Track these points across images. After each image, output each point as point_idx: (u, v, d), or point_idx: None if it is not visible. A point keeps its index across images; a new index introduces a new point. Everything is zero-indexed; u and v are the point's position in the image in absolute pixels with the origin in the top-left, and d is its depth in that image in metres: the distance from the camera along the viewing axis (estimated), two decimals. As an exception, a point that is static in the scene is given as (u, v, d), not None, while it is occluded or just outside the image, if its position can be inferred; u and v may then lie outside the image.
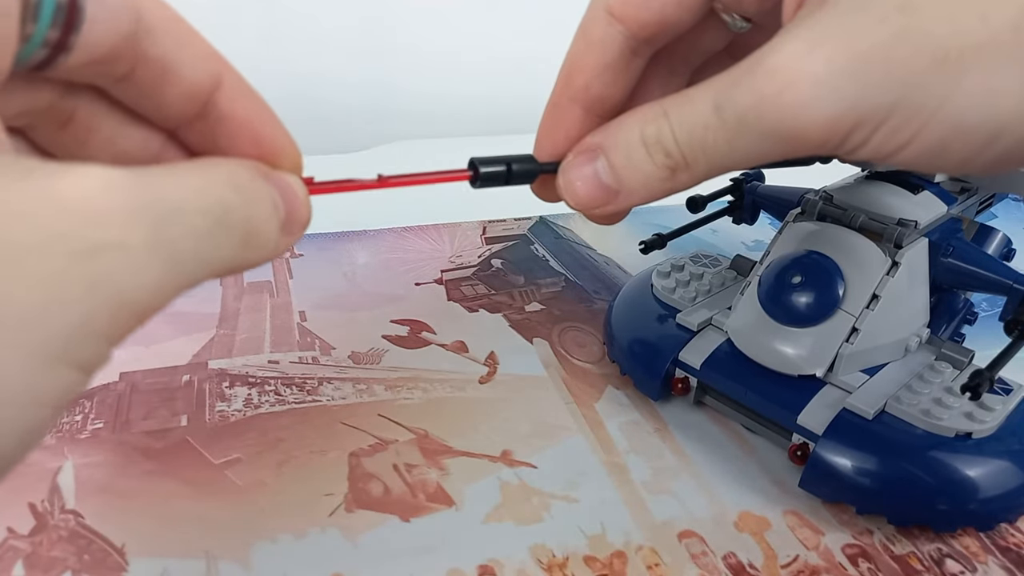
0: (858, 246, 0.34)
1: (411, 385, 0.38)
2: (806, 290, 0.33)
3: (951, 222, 0.36)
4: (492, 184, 0.24)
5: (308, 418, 0.36)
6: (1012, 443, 0.31)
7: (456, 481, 0.33)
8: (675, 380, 0.37)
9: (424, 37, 0.70)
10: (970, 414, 0.31)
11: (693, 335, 0.37)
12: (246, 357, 0.40)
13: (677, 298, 0.39)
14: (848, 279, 0.33)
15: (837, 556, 0.31)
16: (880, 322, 0.33)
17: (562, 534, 0.31)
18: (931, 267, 0.35)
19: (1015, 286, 0.33)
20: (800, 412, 0.33)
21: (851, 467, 0.31)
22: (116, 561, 0.29)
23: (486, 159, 0.24)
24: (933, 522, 0.31)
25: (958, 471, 0.30)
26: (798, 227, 0.36)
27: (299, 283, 0.46)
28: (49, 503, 0.31)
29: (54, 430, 0.34)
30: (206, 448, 0.34)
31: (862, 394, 0.33)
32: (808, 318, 0.33)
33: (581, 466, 0.34)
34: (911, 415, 0.32)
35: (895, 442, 0.31)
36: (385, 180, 0.22)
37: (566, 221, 0.54)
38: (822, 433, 0.32)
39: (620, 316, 0.40)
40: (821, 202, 0.35)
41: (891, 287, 0.33)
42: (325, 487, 0.32)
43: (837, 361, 0.33)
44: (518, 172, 0.25)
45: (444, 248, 0.51)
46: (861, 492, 0.31)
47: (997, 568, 0.30)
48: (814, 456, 0.32)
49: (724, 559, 0.30)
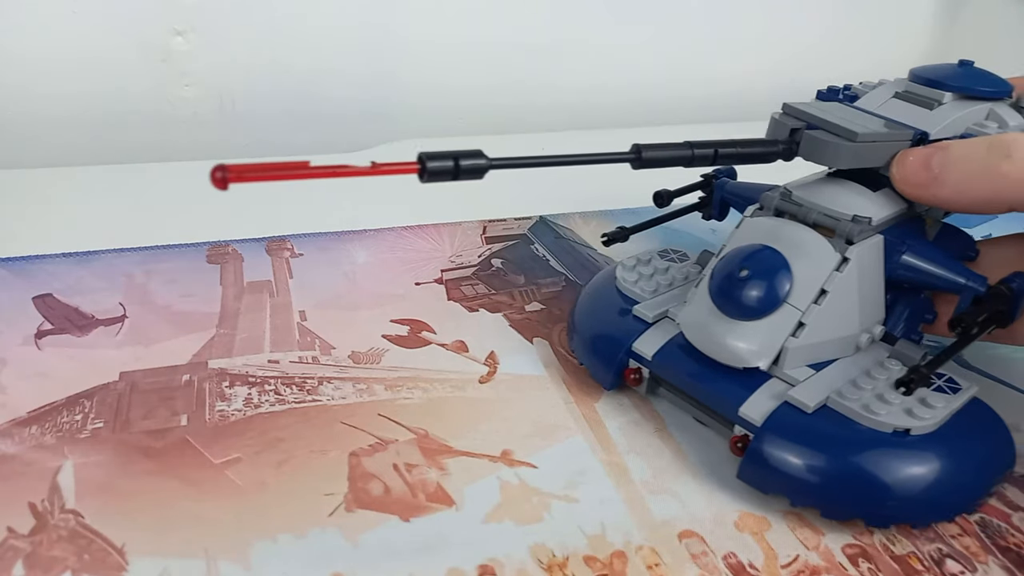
0: (809, 241, 0.34)
1: (411, 385, 0.38)
2: (752, 284, 0.33)
3: (912, 220, 0.36)
4: (440, 179, 0.25)
5: (308, 418, 0.36)
6: (952, 442, 0.31)
7: (456, 481, 0.33)
8: (628, 371, 0.37)
9: (426, 36, 0.70)
10: (910, 411, 0.31)
11: (648, 326, 0.37)
12: (246, 357, 0.40)
13: (638, 291, 0.39)
14: (796, 274, 0.33)
15: (837, 556, 0.31)
16: (828, 317, 0.33)
17: (562, 534, 0.31)
18: (886, 264, 0.34)
19: (967, 284, 0.33)
20: (742, 404, 0.33)
21: (787, 459, 0.31)
22: (116, 561, 0.29)
23: (434, 154, 0.25)
24: (866, 517, 0.31)
25: (892, 467, 0.30)
26: (754, 222, 0.36)
27: (299, 283, 0.46)
28: (49, 503, 0.31)
29: (54, 429, 0.34)
30: (206, 448, 0.34)
31: (805, 388, 0.33)
32: (754, 311, 0.33)
33: (581, 466, 0.34)
34: (850, 410, 0.31)
35: (831, 436, 0.31)
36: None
37: (566, 221, 0.54)
38: (761, 425, 0.32)
39: (583, 307, 0.40)
40: (778, 198, 0.35)
41: (840, 282, 0.33)
42: (325, 487, 0.32)
43: (782, 355, 0.33)
44: (466, 168, 0.25)
45: (444, 248, 0.51)
46: (796, 485, 0.31)
47: (997, 568, 0.30)
48: (751, 447, 0.32)
49: (724, 559, 0.30)
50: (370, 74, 0.70)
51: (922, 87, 0.36)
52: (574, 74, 0.75)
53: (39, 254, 0.46)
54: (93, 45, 0.62)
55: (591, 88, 0.76)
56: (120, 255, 0.47)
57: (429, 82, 0.72)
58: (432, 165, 0.25)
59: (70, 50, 0.61)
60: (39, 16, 0.60)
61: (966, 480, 0.32)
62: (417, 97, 0.72)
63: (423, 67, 0.71)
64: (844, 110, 0.35)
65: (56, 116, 0.63)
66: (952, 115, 0.35)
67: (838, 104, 0.36)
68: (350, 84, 0.69)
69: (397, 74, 0.71)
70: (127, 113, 0.64)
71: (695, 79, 0.79)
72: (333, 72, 0.69)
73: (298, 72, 0.68)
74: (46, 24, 0.60)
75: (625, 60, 0.77)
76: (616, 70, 0.77)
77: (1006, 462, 0.34)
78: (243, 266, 0.47)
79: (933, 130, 0.34)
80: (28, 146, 0.62)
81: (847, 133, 0.32)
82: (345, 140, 0.69)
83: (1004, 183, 0.30)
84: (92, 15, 0.61)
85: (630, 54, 0.77)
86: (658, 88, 0.78)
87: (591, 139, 0.72)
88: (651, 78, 0.78)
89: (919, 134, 0.34)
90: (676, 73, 0.78)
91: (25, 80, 0.61)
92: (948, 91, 0.35)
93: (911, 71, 0.37)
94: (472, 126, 0.74)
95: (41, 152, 0.62)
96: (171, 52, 0.64)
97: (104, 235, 0.49)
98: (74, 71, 0.62)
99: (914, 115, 0.35)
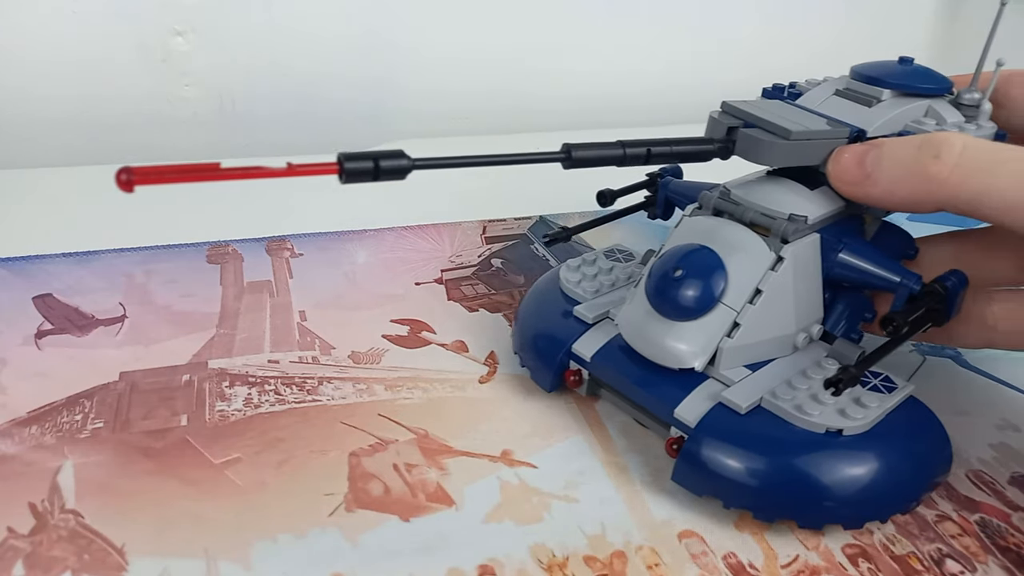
0: (745, 241, 0.33)
1: (411, 385, 0.38)
2: (687, 283, 0.32)
3: (850, 219, 0.35)
4: (360, 179, 0.25)
5: (308, 418, 0.36)
6: (885, 442, 0.31)
7: (456, 481, 0.33)
8: (568, 372, 0.36)
9: (424, 36, 0.70)
10: (843, 411, 0.31)
11: (588, 327, 0.37)
12: (246, 357, 0.40)
13: (581, 291, 0.38)
14: (731, 273, 0.33)
15: (837, 556, 0.31)
16: (764, 317, 0.33)
17: (562, 534, 0.31)
18: (823, 263, 0.34)
19: (901, 283, 0.33)
20: (678, 405, 0.32)
21: (719, 461, 0.31)
22: (116, 561, 0.29)
23: (353, 154, 0.24)
24: (798, 519, 0.31)
25: (823, 468, 0.30)
26: (692, 221, 0.35)
27: (299, 283, 0.46)
28: (49, 503, 0.31)
29: (54, 429, 0.34)
30: (206, 448, 0.34)
31: (739, 389, 0.32)
32: (688, 311, 0.33)
33: (581, 466, 0.34)
34: (783, 410, 0.31)
35: (763, 437, 0.31)
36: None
37: (566, 221, 0.54)
38: (694, 427, 0.32)
39: (526, 308, 0.40)
40: (717, 197, 0.35)
41: (775, 282, 0.33)
42: (325, 487, 0.32)
43: (718, 355, 0.33)
44: (386, 168, 0.25)
45: (444, 248, 0.51)
46: (728, 486, 0.31)
47: (997, 568, 0.30)
48: (684, 449, 0.32)
49: (724, 559, 0.30)
50: (369, 75, 0.70)
51: (862, 84, 0.36)
52: (573, 74, 0.75)
53: (39, 254, 0.46)
54: (93, 45, 0.62)
55: (591, 88, 0.76)
56: (120, 255, 0.47)
57: (428, 83, 0.72)
58: (350, 166, 0.24)
59: (70, 50, 0.61)
60: (39, 16, 0.60)
61: (900, 480, 0.31)
62: (416, 98, 0.72)
63: (422, 68, 0.71)
64: (783, 108, 0.35)
65: (56, 116, 0.63)
66: (890, 112, 0.34)
67: (779, 102, 0.36)
68: (349, 85, 0.69)
69: (396, 75, 0.71)
70: (127, 113, 0.64)
71: (695, 80, 0.79)
72: (332, 73, 0.69)
73: (298, 73, 0.68)
74: (46, 24, 0.60)
75: (625, 60, 0.77)
76: (617, 70, 0.77)
77: (942, 462, 0.33)
78: (243, 266, 0.47)
79: (871, 127, 0.34)
80: (28, 146, 0.63)
81: (781, 131, 0.32)
82: (344, 141, 0.69)
83: (932, 184, 0.30)
84: (92, 15, 0.61)
85: (630, 54, 0.77)
86: (659, 88, 0.78)
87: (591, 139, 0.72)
88: (652, 78, 0.78)
89: (856, 132, 0.33)
90: (676, 74, 0.78)
91: (25, 80, 0.61)
92: (887, 88, 0.35)
93: (852, 68, 0.37)
94: (472, 126, 0.74)
95: (41, 152, 0.62)
96: (171, 52, 0.64)
97: (104, 235, 0.49)
98: (74, 71, 0.62)
99: (854, 113, 0.35)
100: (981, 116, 0.35)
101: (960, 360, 0.42)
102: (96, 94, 0.63)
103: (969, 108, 0.35)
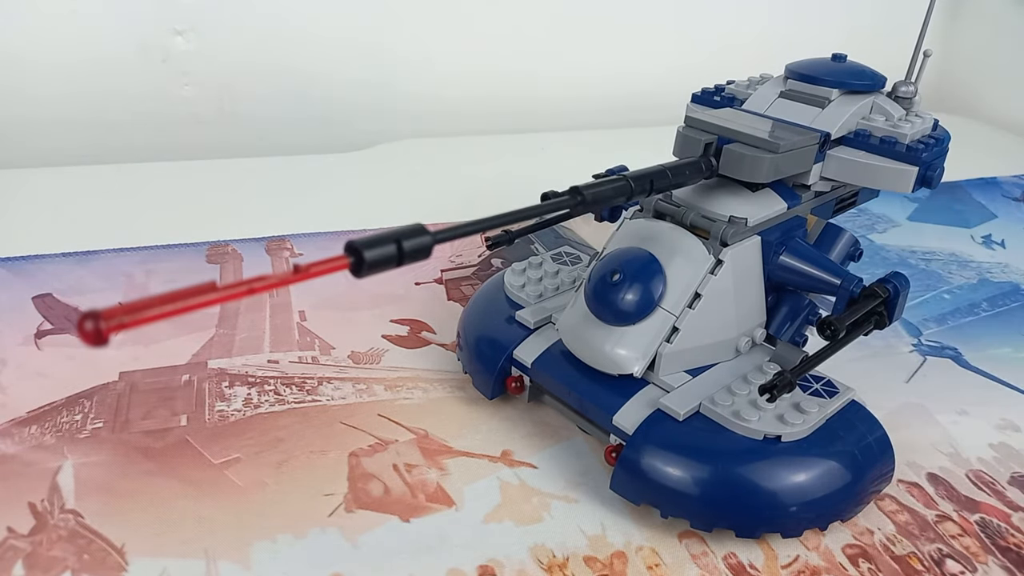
0: (684, 243, 0.33)
1: (411, 385, 0.38)
2: (624, 288, 0.32)
3: (792, 220, 0.35)
4: (380, 270, 0.22)
5: (308, 418, 0.36)
6: (825, 448, 0.30)
7: (456, 481, 0.33)
8: (510, 379, 0.36)
9: (424, 36, 0.70)
10: (782, 417, 0.30)
11: (530, 332, 0.36)
12: (246, 357, 0.40)
13: (524, 295, 0.38)
14: (670, 277, 0.32)
15: (837, 556, 0.31)
16: (703, 321, 0.32)
17: (562, 534, 0.31)
18: (765, 266, 0.34)
19: (842, 286, 0.32)
20: (616, 412, 0.32)
21: (656, 469, 0.30)
22: (116, 561, 0.29)
23: (370, 240, 0.22)
24: (736, 528, 0.30)
25: (760, 476, 0.29)
26: (633, 224, 0.35)
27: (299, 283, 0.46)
28: (49, 503, 0.31)
29: (54, 429, 0.34)
30: (206, 448, 0.34)
31: (678, 395, 0.32)
32: (627, 316, 0.32)
33: (581, 466, 0.34)
34: (722, 417, 0.31)
35: (701, 444, 0.30)
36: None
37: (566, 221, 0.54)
38: (631, 434, 0.31)
39: (469, 314, 0.39)
40: (658, 199, 0.34)
41: (714, 286, 0.32)
42: (325, 487, 0.32)
43: (657, 360, 0.32)
44: (410, 249, 0.23)
45: (444, 248, 0.51)
46: (665, 495, 0.30)
47: (997, 568, 0.30)
48: (621, 457, 0.31)
49: (724, 559, 0.30)
50: (369, 75, 0.70)
51: (807, 85, 0.35)
52: (572, 74, 0.75)
53: (39, 254, 0.46)
54: (93, 45, 0.62)
55: (591, 88, 0.76)
56: (120, 255, 0.47)
57: (427, 83, 0.72)
58: (371, 255, 0.22)
59: (70, 50, 0.61)
60: (39, 16, 0.60)
61: (839, 487, 0.30)
62: (415, 98, 0.72)
63: (421, 68, 0.71)
64: (743, 116, 0.34)
65: (56, 116, 0.63)
66: (844, 112, 0.34)
67: (732, 110, 0.35)
68: (349, 85, 0.69)
69: (396, 75, 0.71)
70: (127, 113, 0.64)
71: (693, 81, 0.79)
72: (332, 73, 0.69)
73: (297, 72, 0.68)
74: (46, 24, 0.60)
75: (625, 60, 0.77)
76: (617, 70, 0.77)
77: (884, 467, 0.32)
78: (243, 266, 0.47)
79: (832, 129, 0.34)
80: (28, 146, 0.63)
81: (767, 144, 0.31)
82: (343, 140, 0.69)
83: None
84: (92, 15, 0.61)
85: (630, 54, 0.77)
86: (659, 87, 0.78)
87: (591, 139, 0.72)
88: (652, 78, 0.78)
89: (823, 135, 0.33)
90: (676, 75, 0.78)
91: (25, 80, 0.61)
92: (833, 88, 0.35)
93: (787, 67, 0.36)
94: (471, 127, 0.74)
95: (41, 152, 0.62)
96: (171, 52, 0.64)
97: (104, 235, 0.49)
98: (74, 71, 0.62)
99: (809, 115, 0.34)
100: (915, 107, 0.35)
101: (960, 360, 0.42)
102: (96, 94, 0.63)
103: (905, 100, 0.35)
